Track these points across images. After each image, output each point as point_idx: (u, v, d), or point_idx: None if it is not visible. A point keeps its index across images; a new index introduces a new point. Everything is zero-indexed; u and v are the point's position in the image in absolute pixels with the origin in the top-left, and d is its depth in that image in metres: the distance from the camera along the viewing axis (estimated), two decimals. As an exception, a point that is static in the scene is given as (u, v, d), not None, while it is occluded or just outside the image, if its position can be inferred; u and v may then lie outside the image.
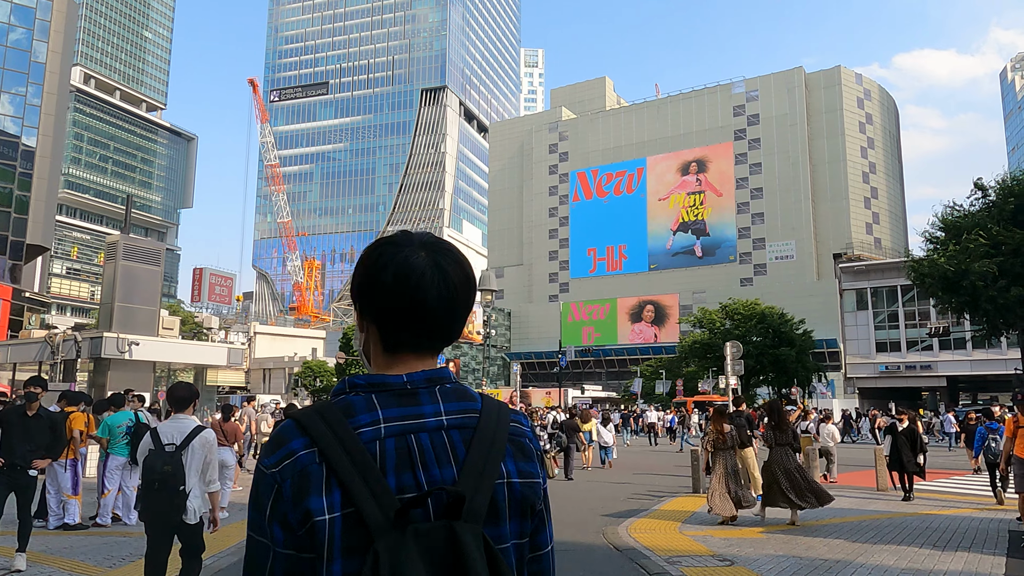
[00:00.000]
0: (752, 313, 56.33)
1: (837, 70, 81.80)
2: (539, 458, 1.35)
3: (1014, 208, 33.04)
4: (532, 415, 13.60)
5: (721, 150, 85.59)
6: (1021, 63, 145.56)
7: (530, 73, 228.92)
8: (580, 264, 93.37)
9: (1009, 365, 63.84)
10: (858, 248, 77.76)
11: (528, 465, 1.32)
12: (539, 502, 1.33)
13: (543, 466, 1.35)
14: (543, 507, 1.36)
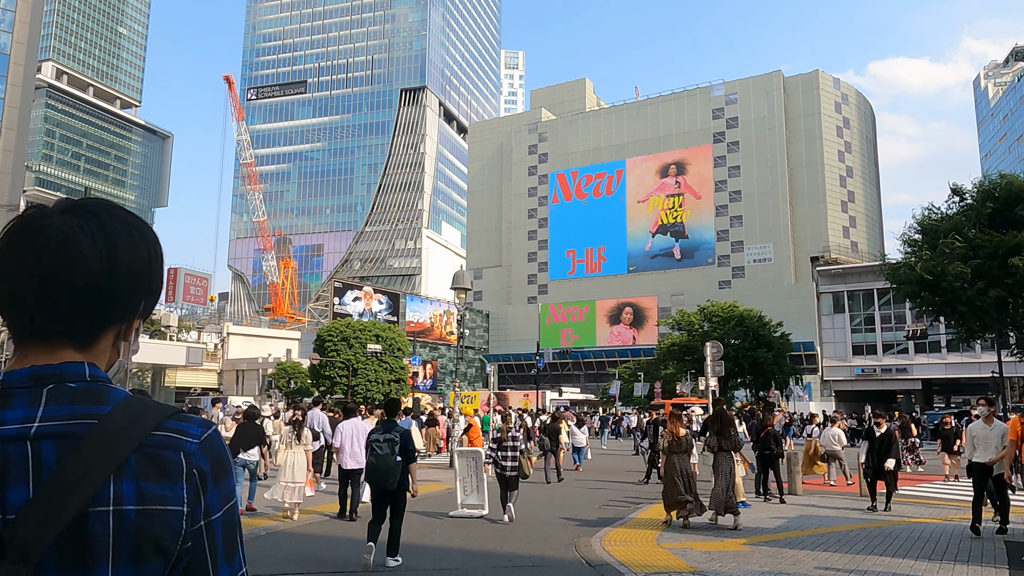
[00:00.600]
0: (731, 315, 56.21)
1: (815, 74, 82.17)
2: (198, 476, 1.02)
3: (991, 211, 33.03)
4: (505, 420, 12.96)
5: (700, 152, 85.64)
6: (994, 71, 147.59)
7: (510, 75, 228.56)
8: (559, 266, 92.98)
9: (983, 368, 64.33)
10: (835, 251, 78.10)
11: (162, 487, 0.99)
12: (177, 539, 0.99)
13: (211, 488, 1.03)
14: (198, 545, 1.02)
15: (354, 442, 11.20)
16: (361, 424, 11.70)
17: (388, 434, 7.92)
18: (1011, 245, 31.38)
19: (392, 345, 54.99)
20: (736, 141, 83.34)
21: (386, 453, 7.76)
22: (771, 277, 78.26)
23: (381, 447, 7.83)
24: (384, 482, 7.80)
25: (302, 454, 11.57)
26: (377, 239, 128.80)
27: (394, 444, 7.83)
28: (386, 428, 8.05)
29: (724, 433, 10.78)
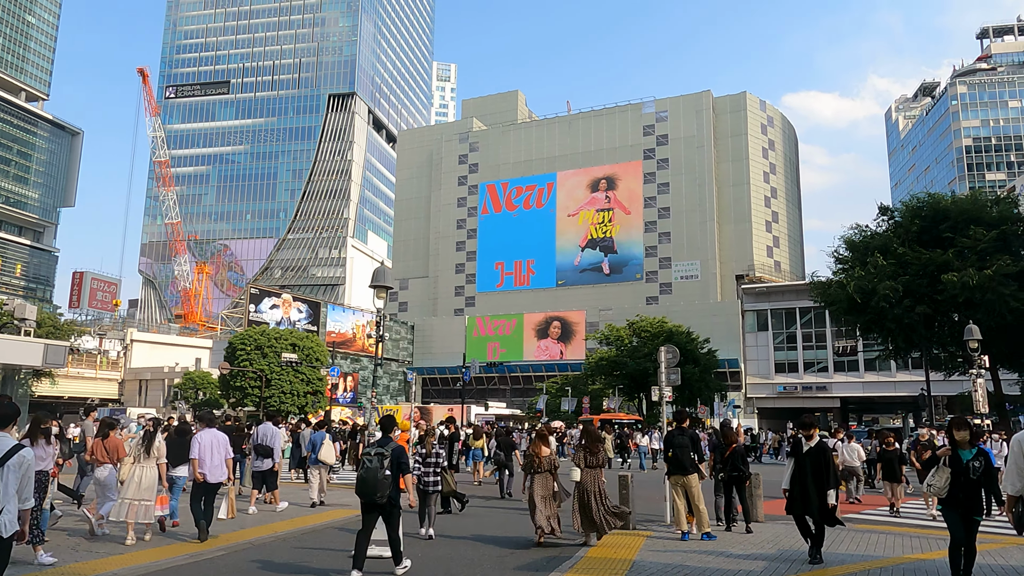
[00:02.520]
0: (660, 331, 55.76)
1: (743, 96, 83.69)
2: None
3: (919, 229, 33.24)
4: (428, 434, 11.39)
5: (631, 168, 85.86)
6: (904, 105, 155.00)
7: (442, 87, 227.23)
8: (487, 278, 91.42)
9: (898, 387, 66.06)
10: (759, 270, 79.23)
11: None
12: None
13: None
14: None
15: (213, 454, 10.59)
16: (220, 435, 10.94)
17: (380, 449, 8.12)
18: (940, 262, 31.55)
19: (310, 355, 52.13)
20: (666, 158, 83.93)
21: (375, 466, 7.96)
22: (697, 294, 78.74)
23: (371, 460, 8.01)
24: (372, 495, 7.94)
25: (153, 469, 10.45)
26: (300, 247, 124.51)
27: (384, 458, 8.01)
28: (380, 443, 8.26)
29: (592, 449, 10.46)
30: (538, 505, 10.25)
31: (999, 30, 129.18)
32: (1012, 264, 30.58)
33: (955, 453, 7.31)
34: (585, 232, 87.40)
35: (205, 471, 10.50)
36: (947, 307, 32.23)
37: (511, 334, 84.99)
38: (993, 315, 30.05)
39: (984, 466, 7.18)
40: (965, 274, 30.14)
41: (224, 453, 10.74)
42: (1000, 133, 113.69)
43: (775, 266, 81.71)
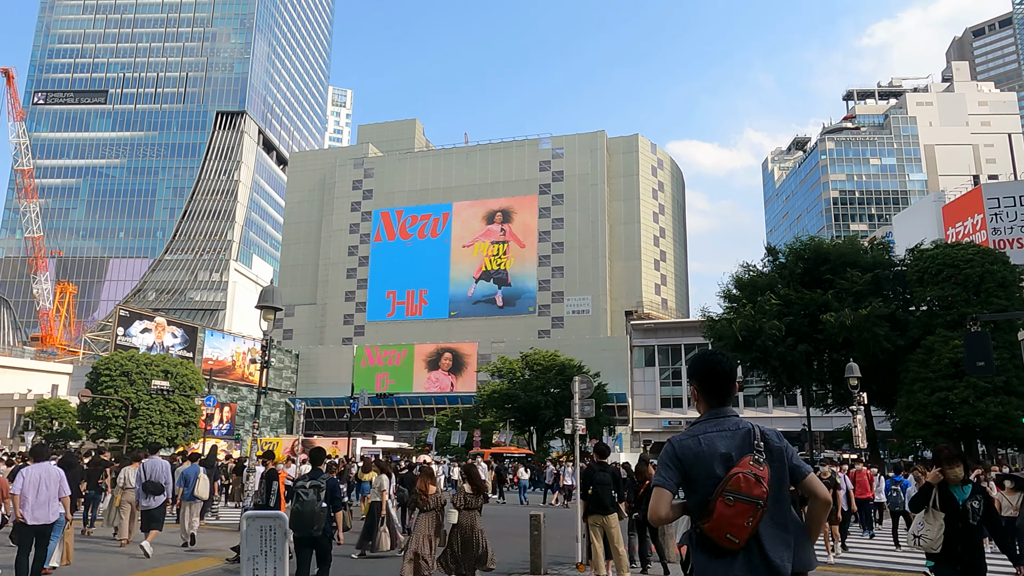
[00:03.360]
0: (552, 364, 55.85)
1: (635, 138, 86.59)
2: None
3: (802, 271, 34.69)
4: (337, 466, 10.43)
5: (526, 202, 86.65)
6: (779, 157, 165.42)
7: (337, 112, 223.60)
8: (378, 307, 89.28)
9: (775, 423, 68.98)
10: (648, 307, 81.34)
11: None
12: None
13: None
14: None
15: (40, 491, 9.46)
16: (54, 470, 9.72)
17: (315, 481, 8.04)
18: (820, 302, 32.95)
19: (184, 383, 48.62)
20: (561, 194, 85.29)
21: (311, 499, 7.87)
22: (588, 328, 79.79)
23: (307, 493, 7.93)
24: (309, 529, 7.86)
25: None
26: (178, 269, 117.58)
27: (320, 491, 7.97)
28: (313, 475, 8.20)
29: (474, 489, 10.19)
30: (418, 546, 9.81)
31: (862, 93, 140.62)
32: (883, 306, 32.34)
33: (946, 492, 5.93)
34: (479, 264, 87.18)
35: (27, 511, 9.31)
36: (826, 346, 33.66)
37: (401, 365, 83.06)
38: (867, 355, 31.54)
39: (984, 507, 5.87)
40: (842, 314, 31.56)
41: (56, 490, 9.50)
42: (863, 187, 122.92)
43: (662, 303, 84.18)
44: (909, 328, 32.81)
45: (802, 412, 62.06)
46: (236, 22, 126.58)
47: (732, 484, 2.92)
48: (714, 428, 3.14)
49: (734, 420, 3.17)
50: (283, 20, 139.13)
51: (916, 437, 31.95)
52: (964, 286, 31.28)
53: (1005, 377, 28.73)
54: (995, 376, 29.12)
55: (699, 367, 3.33)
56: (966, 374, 29.67)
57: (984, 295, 30.98)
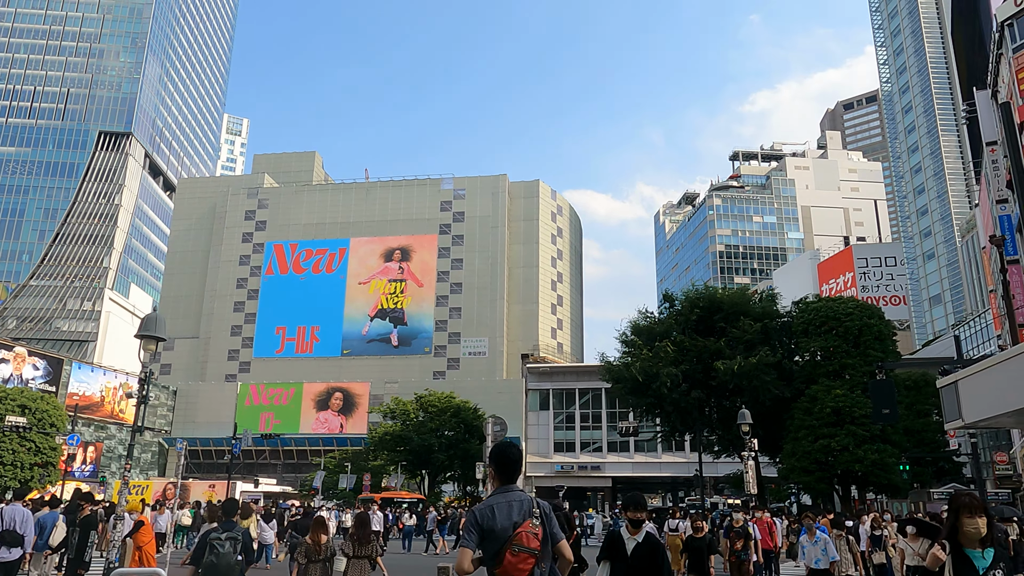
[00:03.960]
0: (448, 406, 54.91)
1: (536, 183, 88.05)
2: None
3: (697, 318, 35.62)
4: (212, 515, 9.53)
5: (426, 241, 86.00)
6: (670, 210, 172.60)
7: (232, 140, 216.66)
8: (266, 343, 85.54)
9: (663, 468, 70.19)
10: (543, 351, 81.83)
11: None
12: None
13: None
14: None
15: None
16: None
17: (229, 532, 7.91)
18: (713, 350, 33.84)
19: (44, 419, 44.40)
20: (461, 235, 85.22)
21: (227, 551, 7.75)
22: (484, 371, 79.27)
23: (222, 545, 7.79)
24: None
25: None
26: (45, 295, 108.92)
27: (237, 543, 7.86)
28: (226, 527, 8.05)
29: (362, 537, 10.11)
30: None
31: (747, 155, 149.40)
32: (771, 355, 33.57)
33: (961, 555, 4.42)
34: (376, 301, 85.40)
35: None
36: (718, 392, 34.53)
37: (288, 404, 79.54)
38: (756, 402, 32.53)
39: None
40: (734, 362, 32.50)
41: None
42: (746, 243, 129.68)
43: (558, 347, 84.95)
44: (794, 377, 34.16)
45: (690, 458, 63.55)
46: (127, 40, 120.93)
47: (517, 539, 4.06)
48: (504, 499, 4.24)
49: (518, 493, 4.30)
50: (179, 43, 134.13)
51: (800, 482, 33.02)
52: (845, 338, 32.95)
53: (882, 426, 30.20)
54: (873, 424, 30.67)
55: (495, 454, 4.47)
56: (846, 423, 31.20)
57: (862, 347, 32.71)
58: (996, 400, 6.51)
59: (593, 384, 70.09)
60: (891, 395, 13.06)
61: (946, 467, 37.12)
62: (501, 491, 4.28)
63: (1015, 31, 37.87)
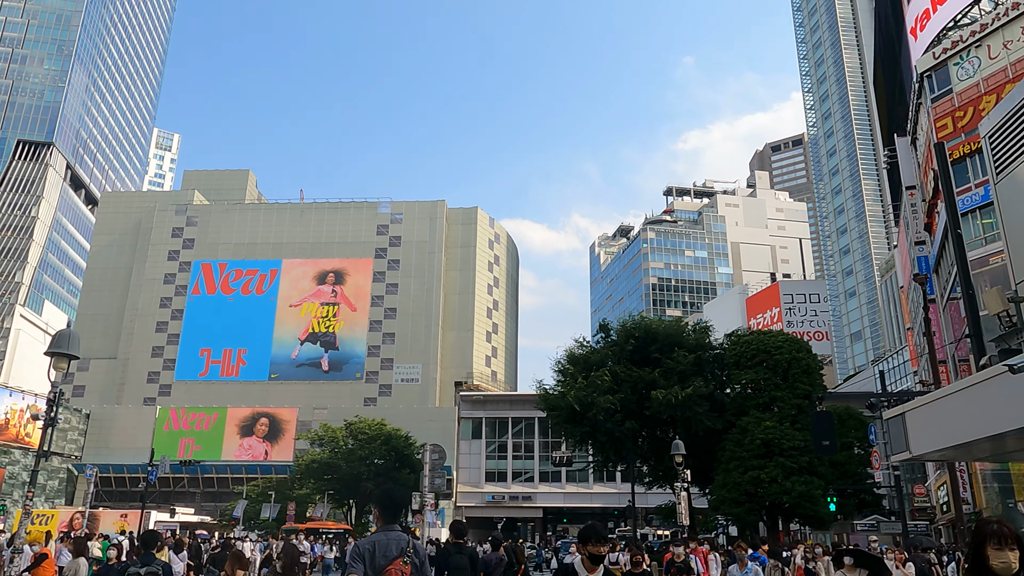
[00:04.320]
0: (378, 433, 53.78)
1: (474, 210, 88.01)
2: None
3: (632, 348, 35.81)
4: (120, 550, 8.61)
5: (361, 265, 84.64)
6: (605, 242, 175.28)
7: (161, 155, 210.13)
8: (189, 365, 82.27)
9: (594, 499, 70.17)
10: (478, 379, 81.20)
11: None
12: None
13: None
14: None
15: None
16: None
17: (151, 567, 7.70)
18: (648, 380, 34.02)
19: (-61, 443, 41.30)
20: (397, 259, 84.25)
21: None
22: (417, 398, 78.08)
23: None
24: None
25: None
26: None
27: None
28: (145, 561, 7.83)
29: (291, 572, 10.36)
30: None
31: (680, 191, 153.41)
32: (704, 386, 33.97)
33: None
34: (307, 325, 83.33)
35: None
36: (652, 423, 34.67)
37: (210, 429, 76.43)
38: (689, 433, 32.78)
39: None
40: (670, 392, 32.73)
41: None
42: (678, 276, 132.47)
43: (492, 376, 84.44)
44: (726, 409, 34.60)
45: (620, 488, 63.72)
46: (52, 47, 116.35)
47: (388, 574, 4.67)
48: (385, 537, 4.81)
49: (398, 534, 4.85)
50: (109, 52, 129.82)
51: (730, 514, 33.29)
52: (775, 371, 33.59)
53: (808, 458, 30.79)
54: (800, 456, 31.23)
55: (380, 496, 5.07)
56: (775, 454, 31.70)
57: (791, 380, 33.40)
58: (944, 433, 6.48)
59: (526, 413, 69.81)
60: (831, 427, 13.22)
61: (867, 499, 38.06)
62: (384, 530, 4.87)
63: (933, 82, 39.97)
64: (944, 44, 39.32)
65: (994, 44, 36.81)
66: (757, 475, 31.12)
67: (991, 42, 36.87)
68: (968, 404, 5.96)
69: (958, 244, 10.09)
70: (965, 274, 10.02)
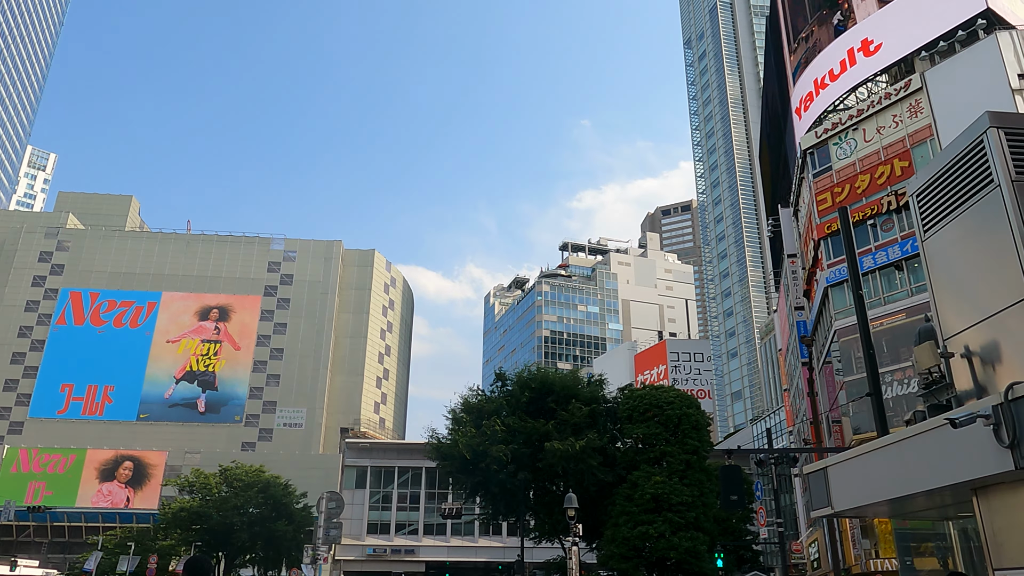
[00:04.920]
0: (255, 480, 50.88)
1: (371, 253, 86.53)
2: None
3: (528, 399, 35.57)
4: None
5: (248, 302, 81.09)
6: (500, 292, 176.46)
7: (33, 175, 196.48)
8: (47, 401, 75.56)
9: (479, 552, 68.53)
10: (365, 425, 78.71)
11: None
12: None
13: None
14: None
15: None
16: None
17: None
18: (542, 432, 33.77)
19: None
20: (288, 298, 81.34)
21: None
22: (300, 444, 74.68)
23: None
24: None
25: None
26: None
27: None
28: None
29: None
30: None
31: (575, 246, 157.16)
32: (598, 439, 34.05)
33: None
34: (184, 362, 78.56)
35: None
36: (545, 475, 34.30)
37: (65, 472, 70.03)
38: (581, 486, 32.62)
39: None
40: (566, 443, 32.58)
41: None
42: (571, 330, 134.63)
43: (380, 423, 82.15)
44: (617, 462, 34.75)
45: (506, 542, 62.59)
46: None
47: None
48: None
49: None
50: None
51: (618, 569, 33.12)
52: (665, 426, 34.14)
53: (696, 514, 31.20)
54: (688, 512, 31.62)
55: (189, 565, 5.38)
56: (664, 509, 31.96)
57: (681, 435, 34.01)
58: (871, 488, 6.40)
59: (414, 462, 67.88)
60: (740, 482, 13.24)
61: (746, 555, 38.94)
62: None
63: (815, 159, 42.86)
64: (826, 124, 42.37)
65: (869, 128, 39.98)
66: (646, 530, 31.22)
67: (866, 126, 40.02)
68: (899, 459, 5.90)
69: (859, 304, 10.41)
70: (866, 334, 10.31)
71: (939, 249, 5.75)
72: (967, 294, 5.41)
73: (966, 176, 5.37)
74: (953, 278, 5.59)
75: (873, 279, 38.76)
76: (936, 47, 38.08)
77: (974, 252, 5.30)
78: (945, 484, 5.38)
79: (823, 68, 44.50)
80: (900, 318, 36.51)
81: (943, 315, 5.69)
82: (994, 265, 5.04)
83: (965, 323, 5.37)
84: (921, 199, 6.00)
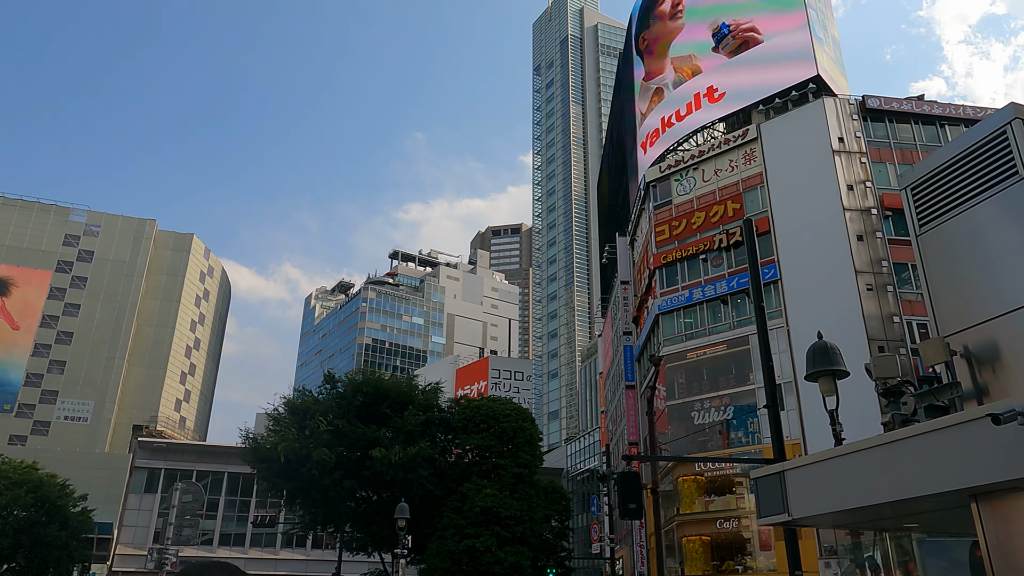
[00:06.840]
0: (26, 479, 44.46)
1: (190, 237, 79.76)
2: None
3: (360, 404, 33.81)
4: None
5: (35, 276, 71.51)
6: (323, 295, 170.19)
7: None
8: None
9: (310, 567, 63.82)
10: (163, 424, 71.83)
11: None
12: None
13: None
14: None
15: None
16: None
17: None
18: (372, 438, 32.18)
19: None
20: (85, 277, 72.71)
21: None
22: (83, 440, 66.60)
23: None
24: None
25: None
26: None
27: None
28: None
29: None
30: None
31: (405, 256, 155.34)
32: (431, 448, 33.00)
33: None
34: (-55, 339, 67.72)
35: None
36: (372, 484, 32.66)
37: None
38: (409, 496, 31.32)
39: None
40: (392, 451, 31.17)
41: None
42: (393, 339, 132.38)
43: (180, 422, 75.41)
44: (448, 474, 33.87)
45: (310, 555, 59.48)
46: None
47: None
48: None
49: None
50: None
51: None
52: (500, 438, 33.79)
53: (522, 528, 30.98)
54: (515, 527, 31.33)
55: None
56: (493, 523, 31.43)
57: (515, 448, 33.81)
58: (834, 496, 6.01)
59: (216, 466, 62.81)
60: (638, 489, 12.79)
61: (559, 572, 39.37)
62: None
63: (657, 192, 44.95)
64: (669, 161, 44.73)
65: (708, 169, 42.64)
66: (473, 544, 30.51)
67: (706, 167, 42.68)
68: (874, 464, 5.53)
69: (760, 315, 10.35)
70: (766, 347, 10.25)
71: (940, 245, 5.53)
72: (975, 290, 5.19)
73: (982, 168, 5.17)
74: (956, 275, 5.38)
75: (700, 310, 41.19)
76: (772, 103, 41.52)
77: (990, 246, 5.09)
78: (944, 490, 5.03)
79: (672, 108, 47.07)
80: (721, 349, 38.99)
81: (939, 313, 5.46)
82: (1020, 258, 4.82)
83: (968, 321, 5.14)
84: (918, 193, 5.77)
